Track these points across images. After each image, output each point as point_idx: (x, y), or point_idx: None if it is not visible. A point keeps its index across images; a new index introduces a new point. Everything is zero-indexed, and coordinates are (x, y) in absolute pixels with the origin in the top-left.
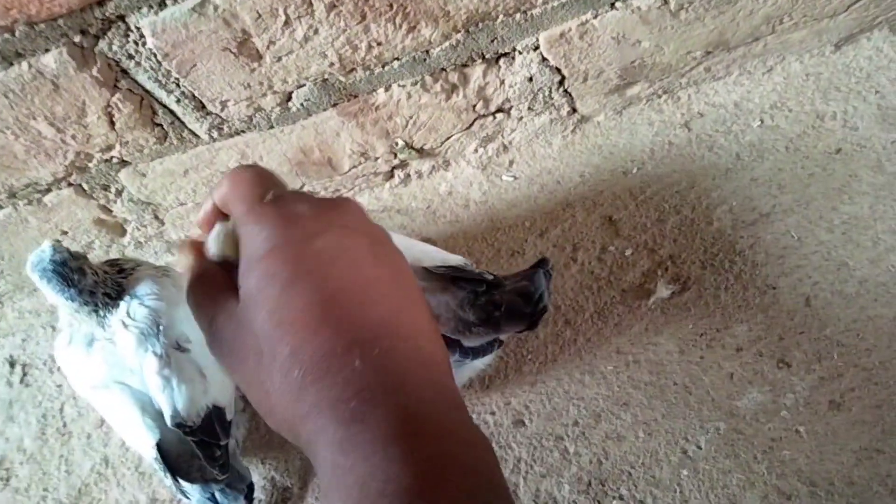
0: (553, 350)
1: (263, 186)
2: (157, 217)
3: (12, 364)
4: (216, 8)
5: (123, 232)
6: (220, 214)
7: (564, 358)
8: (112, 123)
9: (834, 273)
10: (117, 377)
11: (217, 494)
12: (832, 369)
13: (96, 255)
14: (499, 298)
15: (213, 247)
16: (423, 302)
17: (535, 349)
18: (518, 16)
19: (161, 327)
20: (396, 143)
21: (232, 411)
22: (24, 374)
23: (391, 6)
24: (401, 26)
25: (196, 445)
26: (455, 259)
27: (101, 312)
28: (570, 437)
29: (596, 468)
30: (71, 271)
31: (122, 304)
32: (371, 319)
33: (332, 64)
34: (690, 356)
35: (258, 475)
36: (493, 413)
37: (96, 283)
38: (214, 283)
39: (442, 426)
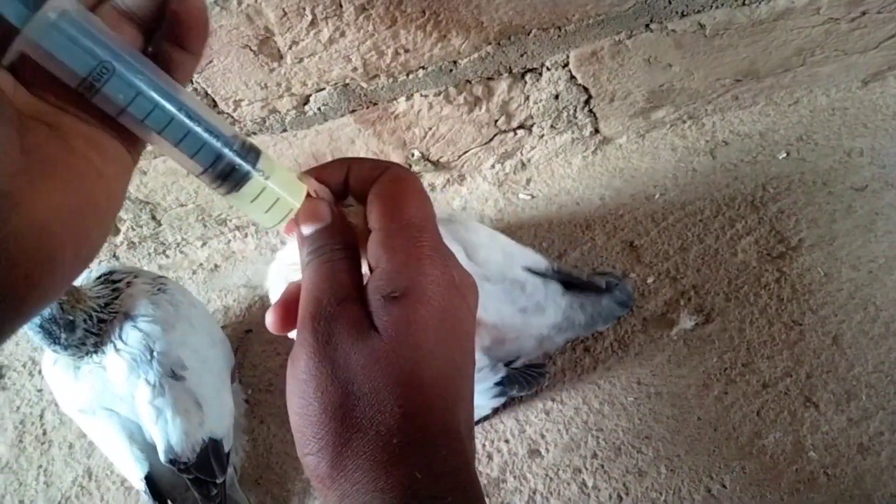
0: (571, 377)
1: (428, 211)
2: (154, 217)
3: None
4: (240, 2)
5: (117, 231)
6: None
7: (583, 386)
8: None
9: (861, 312)
10: (105, 403)
11: None
12: (860, 411)
13: None
14: (602, 306)
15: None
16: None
17: (551, 375)
18: (552, 31)
19: (155, 353)
20: (412, 155)
21: (230, 440)
22: (1, 377)
23: (423, 13)
24: (431, 34)
25: (191, 483)
26: (541, 258)
27: (86, 357)
28: (589, 470)
29: None
30: (59, 328)
31: (115, 324)
32: (464, 412)
33: (355, 69)
34: (714, 391)
35: (254, 497)
36: (507, 441)
37: (86, 333)
38: (345, 281)
39: None
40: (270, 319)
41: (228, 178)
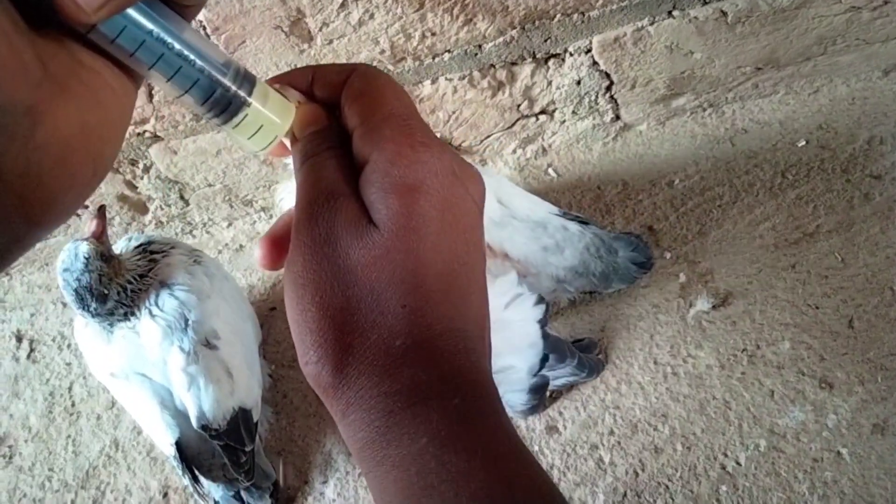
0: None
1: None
2: (182, 197)
3: (19, 339)
4: None
5: (146, 210)
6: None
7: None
8: (150, 96)
9: (877, 297)
10: (138, 368)
11: (242, 493)
12: (875, 393)
13: (115, 233)
14: (616, 263)
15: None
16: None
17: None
18: (575, 16)
19: (190, 321)
20: None
21: (258, 411)
22: (32, 350)
23: None
24: (457, 17)
25: (221, 449)
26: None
27: (114, 325)
28: (606, 447)
29: (632, 479)
30: (91, 297)
31: (151, 291)
32: (473, 309)
33: (382, 51)
34: (731, 371)
35: (278, 466)
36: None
37: (117, 304)
38: (338, 178)
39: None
40: (258, 254)
41: (222, 111)
